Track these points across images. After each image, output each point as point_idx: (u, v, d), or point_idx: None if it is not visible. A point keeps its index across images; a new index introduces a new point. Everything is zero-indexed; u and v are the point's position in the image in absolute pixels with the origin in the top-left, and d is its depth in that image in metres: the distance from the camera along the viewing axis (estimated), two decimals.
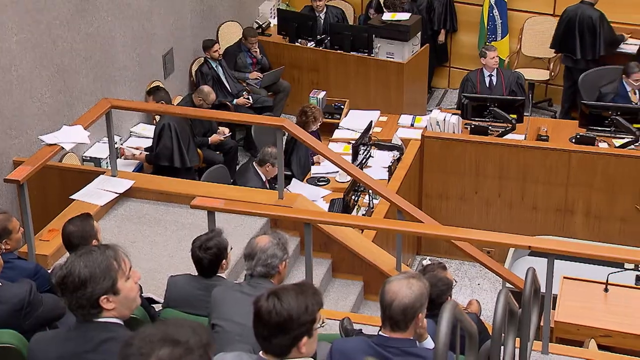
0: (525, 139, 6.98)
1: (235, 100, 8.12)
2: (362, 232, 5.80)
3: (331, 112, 8.09)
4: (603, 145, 6.74)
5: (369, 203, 6.29)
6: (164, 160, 6.58)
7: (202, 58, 8.19)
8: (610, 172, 6.55)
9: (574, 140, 6.84)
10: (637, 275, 5.59)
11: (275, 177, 5.81)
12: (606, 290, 5.21)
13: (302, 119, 6.90)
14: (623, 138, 6.68)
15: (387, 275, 5.00)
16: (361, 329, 3.87)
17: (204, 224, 4.57)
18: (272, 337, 2.36)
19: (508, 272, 5.62)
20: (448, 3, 8.98)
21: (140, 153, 6.83)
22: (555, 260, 4.21)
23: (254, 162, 6.40)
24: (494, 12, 8.75)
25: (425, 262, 5.37)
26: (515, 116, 6.93)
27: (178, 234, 5.23)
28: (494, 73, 7.64)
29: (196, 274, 3.86)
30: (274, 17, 9.26)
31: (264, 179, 6.32)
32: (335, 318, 4.10)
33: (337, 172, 6.57)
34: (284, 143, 6.09)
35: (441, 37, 9.12)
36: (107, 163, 6.42)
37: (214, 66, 8.10)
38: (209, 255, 3.77)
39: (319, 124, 7.01)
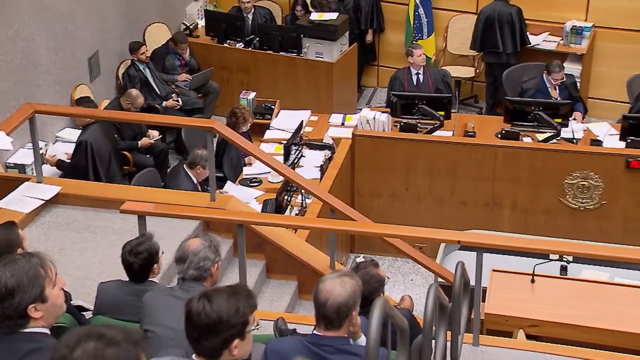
0: (453, 135, 7.10)
1: (164, 103, 8.03)
2: (295, 232, 5.81)
3: (262, 113, 8.08)
4: (527, 139, 6.92)
5: (302, 203, 6.31)
6: (76, 176, 6.43)
7: (129, 60, 8.08)
8: (534, 166, 6.73)
9: (499, 136, 7.00)
10: (561, 265, 5.76)
11: (207, 179, 5.78)
12: (533, 281, 5.36)
13: (231, 120, 6.87)
14: (545, 132, 6.87)
15: (321, 274, 5.02)
16: (295, 329, 3.89)
17: (135, 229, 4.51)
18: (202, 338, 2.36)
19: (439, 267, 5.73)
20: (374, 3, 9.08)
21: (54, 156, 6.70)
22: (484, 254, 4.31)
23: (184, 165, 6.34)
24: (419, 11, 8.89)
25: (359, 260, 5.43)
26: (442, 113, 7.05)
27: (108, 240, 5.14)
28: (421, 71, 7.76)
29: (127, 279, 3.81)
30: (202, 18, 9.19)
31: (195, 181, 6.28)
32: (270, 319, 4.10)
33: (269, 172, 6.57)
34: (214, 145, 6.05)
35: (369, 37, 9.22)
36: (32, 169, 6.26)
37: (141, 68, 7.99)
38: (139, 260, 3.73)
39: (249, 124, 7.00)
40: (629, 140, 6.55)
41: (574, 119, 7.19)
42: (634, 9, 8.10)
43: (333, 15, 8.36)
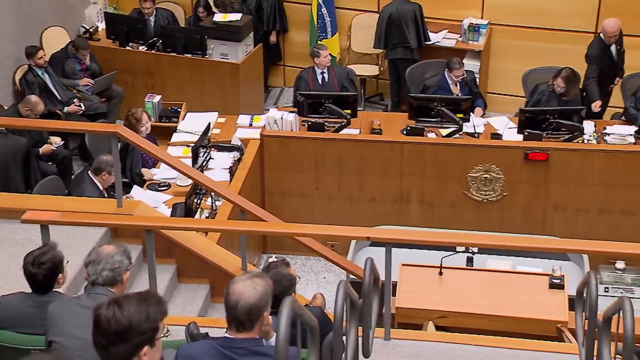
0: (360, 133, 7.19)
1: (65, 108, 7.81)
2: (206, 235, 5.77)
3: (168, 116, 7.97)
4: (431, 135, 7.08)
5: (212, 205, 6.27)
6: None
7: (26, 65, 7.82)
8: (439, 160, 6.89)
9: (404, 132, 7.14)
10: (467, 256, 5.93)
11: (113, 185, 5.66)
12: (440, 273, 5.50)
13: (127, 124, 6.74)
14: (448, 127, 7.04)
15: (233, 276, 4.95)
16: (207, 333, 3.86)
17: (38, 239, 4.38)
18: (110, 345, 2.32)
19: (351, 264, 5.79)
20: (276, 3, 9.10)
21: None
22: (393, 249, 4.39)
23: (89, 171, 6.19)
24: (322, 10, 8.96)
25: (271, 260, 5.43)
26: (349, 111, 7.13)
27: (9, 251, 4.97)
28: (326, 70, 7.83)
29: (30, 291, 3.70)
30: (102, 21, 8.99)
31: (101, 187, 6.14)
32: (181, 324, 4.05)
33: (178, 176, 6.49)
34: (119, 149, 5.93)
35: (273, 37, 9.23)
36: None
37: (39, 74, 7.75)
38: (43, 270, 3.62)
39: (147, 124, 6.86)
40: (526, 133, 6.79)
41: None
42: (528, 6, 8.41)
43: (237, 16, 8.33)
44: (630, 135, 6.79)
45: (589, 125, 6.95)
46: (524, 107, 7.10)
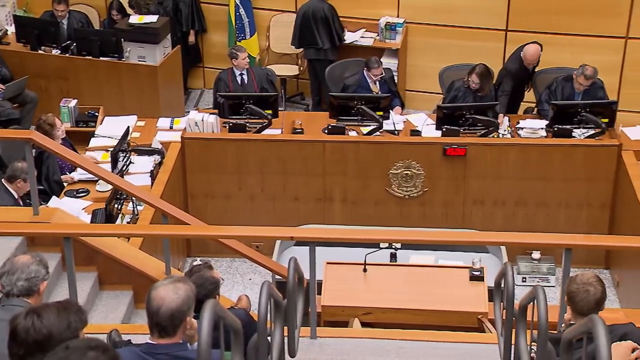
0: (282, 133, 7.21)
1: None
2: (128, 240, 5.68)
3: (85, 121, 7.78)
4: (352, 133, 7.15)
5: (133, 210, 6.17)
6: None
7: None
8: (360, 158, 6.97)
9: (326, 131, 7.19)
10: (391, 252, 6.02)
11: (29, 193, 5.51)
12: (365, 270, 5.56)
13: (42, 132, 6.55)
14: (369, 125, 7.13)
15: (157, 281, 4.94)
16: (130, 340, 3.80)
17: None
18: (28, 356, 2.26)
19: (276, 264, 5.80)
20: (193, 4, 9.02)
21: None
22: (317, 248, 4.42)
23: (3, 179, 6.01)
24: (240, 11, 8.94)
25: (195, 263, 5.39)
26: (270, 112, 7.14)
27: None
28: (245, 71, 7.81)
29: None
30: (11, 24, 8.72)
31: (16, 196, 5.96)
32: (104, 332, 3.99)
33: (98, 182, 6.36)
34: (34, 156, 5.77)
35: (191, 38, 9.15)
36: None
37: None
38: None
39: (61, 130, 6.69)
40: (444, 129, 6.93)
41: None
42: (442, 5, 8.59)
43: (153, 18, 8.21)
44: (542, 129, 7.01)
45: (503, 120, 7.14)
46: (441, 104, 7.25)
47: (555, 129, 6.83)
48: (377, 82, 7.63)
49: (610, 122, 6.81)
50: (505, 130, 7.05)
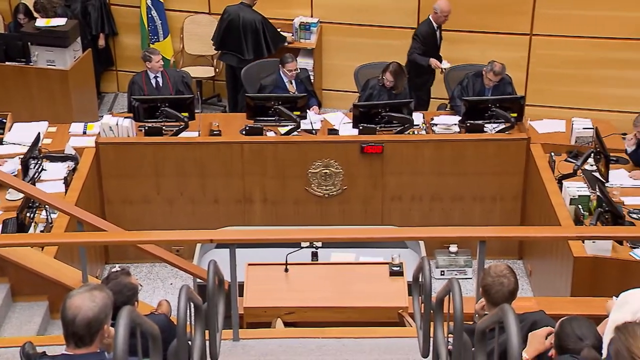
0: (199, 135, 7.15)
1: None
2: (42, 250, 5.53)
3: None
4: (270, 134, 7.15)
5: (47, 218, 6.01)
6: None
7: None
8: (279, 158, 6.97)
9: (244, 132, 7.17)
10: (312, 251, 6.04)
11: None
12: (286, 270, 5.57)
13: None
14: (287, 125, 7.15)
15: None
16: (45, 352, 3.70)
17: None
18: None
19: (197, 268, 5.75)
20: (102, 7, 8.84)
21: None
22: (239, 249, 4.41)
23: None
24: (152, 13, 8.81)
25: (113, 270, 5.30)
26: (186, 114, 7.07)
27: None
28: (159, 74, 7.71)
29: None
30: None
31: None
32: (17, 345, 3.86)
33: (8, 190, 6.17)
34: None
35: (101, 42, 8.97)
36: None
37: None
38: None
39: None
40: (361, 127, 7.01)
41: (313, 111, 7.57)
42: (354, 4, 8.68)
43: (61, 21, 8.01)
44: (455, 124, 7.18)
45: (418, 117, 7.28)
46: (357, 103, 7.32)
47: (468, 124, 7.01)
48: (294, 82, 7.66)
49: (519, 116, 7.03)
50: (420, 127, 7.16)
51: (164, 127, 7.06)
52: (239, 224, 6.92)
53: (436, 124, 7.24)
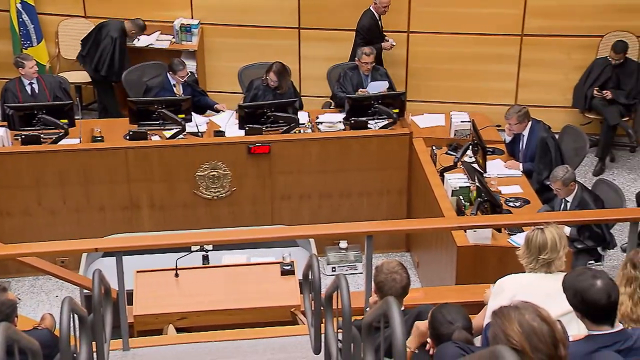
0: (80, 142, 6.95)
1: None
2: None
3: None
4: (155, 138, 7.03)
5: None
6: None
7: None
8: (166, 162, 6.86)
9: (127, 137, 7.02)
10: (203, 255, 5.99)
11: None
12: (177, 275, 5.50)
13: None
14: (172, 129, 7.05)
15: None
16: None
17: None
18: None
19: (83, 278, 5.59)
20: None
21: None
22: (128, 257, 4.32)
23: None
24: (23, 17, 8.48)
25: None
26: (66, 121, 6.87)
27: None
28: (35, 80, 7.44)
29: None
30: None
31: None
32: None
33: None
34: None
35: None
36: None
37: None
38: None
39: None
40: (247, 128, 7.00)
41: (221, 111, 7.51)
42: (234, 5, 8.64)
43: None
44: (340, 122, 7.28)
45: (303, 116, 7.34)
46: (242, 103, 7.31)
47: (352, 121, 7.13)
48: (181, 85, 7.57)
49: (401, 112, 7.21)
50: (306, 125, 7.22)
51: (42, 135, 6.82)
52: (127, 230, 6.77)
53: (321, 122, 7.32)
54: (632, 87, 8.03)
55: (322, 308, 3.68)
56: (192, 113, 7.25)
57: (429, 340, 3.07)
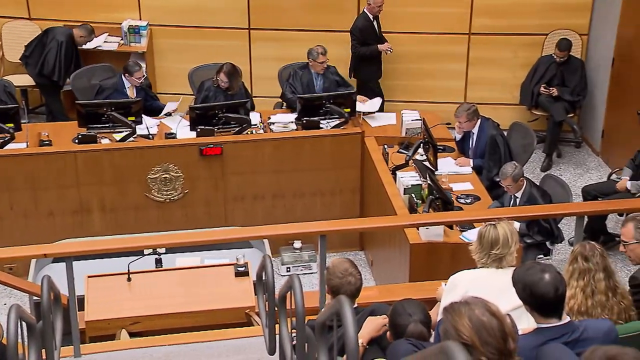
0: (27, 146, 6.83)
1: None
2: None
3: None
4: (105, 141, 6.94)
5: None
6: None
7: None
8: (116, 165, 6.79)
9: (76, 141, 6.92)
10: (155, 258, 5.93)
11: None
12: (129, 279, 5.44)
13: None
14: (122, 132, 6.96)
15: None
16: None
17: None
18: None
19: (32, 285, 5.48)
20: None
21: None
22: (79, 262, 4.25)
23: None
24: None
25: None
26: (12, 125, 6.75)
27: None
28: None
29: None
30: None
31: None
32: None
33: None
34: None
35: None
36: None
37: None
38: None
39: None
40: (198, 130, 6.96)
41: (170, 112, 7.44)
42: (183, 6, 8.57)
43: None
44: (292, 122, 7.28)
45: (255, 116, 7.32)
46: (193, 105, 7.26)
47: (304, 121, 7.13)
48: (135, 87, 7.49)
49: (352, 111, 7.25)
50: (258, 126, 7.20)
51: None
52: (78, 235, 6.66)
53: (273, 123, 7.31)
54: (576, 84, 8.21)
55: (276, 309, 3.68)
56: (143, 115, 7.18)
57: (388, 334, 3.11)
